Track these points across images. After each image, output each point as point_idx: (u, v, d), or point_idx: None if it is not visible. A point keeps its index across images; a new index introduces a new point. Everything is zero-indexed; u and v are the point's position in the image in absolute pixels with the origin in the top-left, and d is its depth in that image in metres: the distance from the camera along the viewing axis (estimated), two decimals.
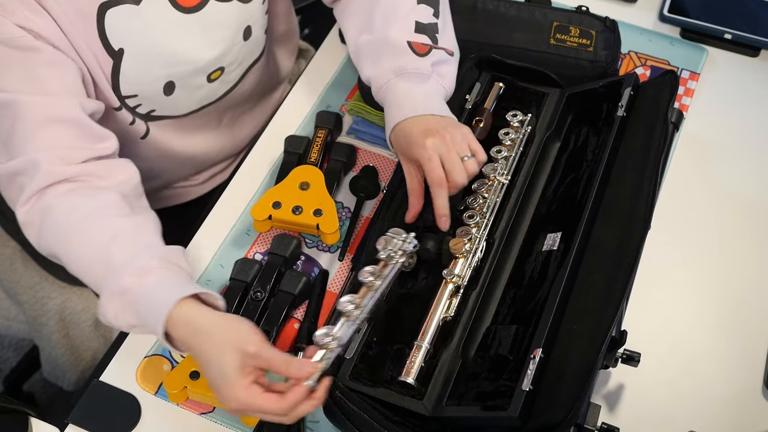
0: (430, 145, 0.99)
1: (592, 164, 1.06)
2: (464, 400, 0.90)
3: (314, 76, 1.30)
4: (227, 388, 0.85)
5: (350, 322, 0.91)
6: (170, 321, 0.87)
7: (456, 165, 0.99)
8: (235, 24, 1.11)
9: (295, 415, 0.86)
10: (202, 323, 0.87)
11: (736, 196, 1.15)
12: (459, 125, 1.03)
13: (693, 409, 0.98)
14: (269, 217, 1.10)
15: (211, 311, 0.89)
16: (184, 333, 0.88)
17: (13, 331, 1.43)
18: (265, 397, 0.85)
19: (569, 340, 0.90)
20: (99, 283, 0.93)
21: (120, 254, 0.92)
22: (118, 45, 1.02)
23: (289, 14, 1.30)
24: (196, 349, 0.88)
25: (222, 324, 0.88)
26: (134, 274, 0.90)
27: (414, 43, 1.06)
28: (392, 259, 0.96)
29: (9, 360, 1.68)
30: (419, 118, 1.02)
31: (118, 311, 0.91)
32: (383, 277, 0.95)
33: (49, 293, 1.28)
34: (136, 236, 0.95)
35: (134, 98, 1.08)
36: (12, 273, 1.28)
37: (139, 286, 0.90)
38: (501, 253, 1.02)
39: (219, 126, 1.25)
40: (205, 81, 1.13)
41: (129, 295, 0.90)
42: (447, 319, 0.96)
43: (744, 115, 1.24)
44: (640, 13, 1.35)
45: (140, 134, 1.14)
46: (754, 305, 1.06)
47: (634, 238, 0.94)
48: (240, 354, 0.85)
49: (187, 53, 1.07)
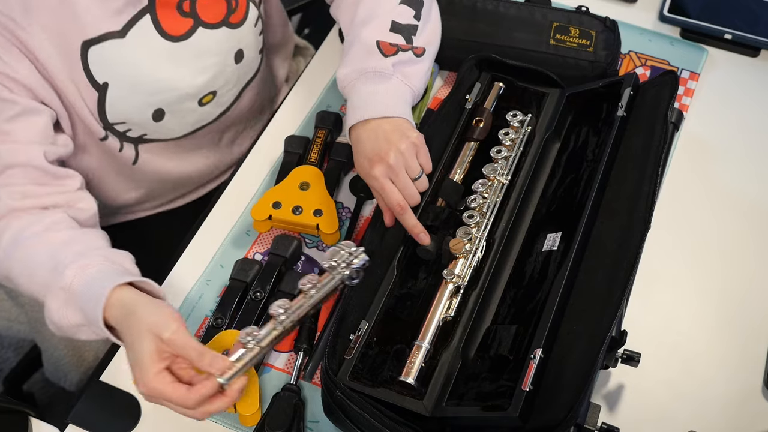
0: (379, 174, 0.99)
1: (592, 164, 1.06)
2: (464, 400, 0.90)
3: (314, 76, 1.30)
4: (138, 372, 0.85)
5: (276, 326, 0.91)
6: (107, 306, 0.88)
7: (407, 189, 1.00)
8: (224, 50, 1.11)
9: (204, 411, 0.85)
10: (133, 306, 0.88)
11: (736, 196, 1.15)
12: (407, 134, 1.02)
13: (693, 409, 0.98)
14: (269, 218, 1.10)
15: (145, 296, 0.90)
16: (117, 316, 0.89)
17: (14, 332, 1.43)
18: (173, 386, 0.85)
19: (569, 340, 0.90)
20: (45, 286, 0.94)
21: (66, 257, 0.94)
22: (102, 79, 1.02)
23: (283, 24, 1.30)
24: (123, 332, 0.89)
25: (148, 308, 0.88)
26: (77, 269, 0.92)
27: (382, 42, 1.07)
28: (334, 270, 0.94)
29: (9, 360, 1.68)
30: (370, 130, 1.02)
31: (62, 308, 0.92)
32: (320, 288, 0.93)
33: None
34: (85, 242, 0.97)
35: (123, 124, 1.08)
36: None
37: (80, 277, 0.91)
38: (501, 253, 1.02)
39: (219, 144, 1.25)
40: (196, 105, 1.12)
41: (71, 289, 0.91)
42: (447, 319, 0.96)
43: (744, 115, 1.24)
44: (640, 13, 1.35)
45: (130, 160, 1.14)
46: (754, 305, 1.06)
47: (634, 238, 0.94)
48: (155, 339, 0.85)
49: (174, 81, 1.07)
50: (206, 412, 0.86)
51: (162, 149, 1.16)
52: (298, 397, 0.97)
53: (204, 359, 0.85)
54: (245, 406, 0.96)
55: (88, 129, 1.07)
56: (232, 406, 0.90)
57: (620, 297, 0.89)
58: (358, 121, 1.03)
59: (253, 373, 0.97)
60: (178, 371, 0.87)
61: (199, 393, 0.84)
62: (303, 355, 1.01)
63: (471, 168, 1.09)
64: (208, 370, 0.86)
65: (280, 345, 1.03)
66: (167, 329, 0.85)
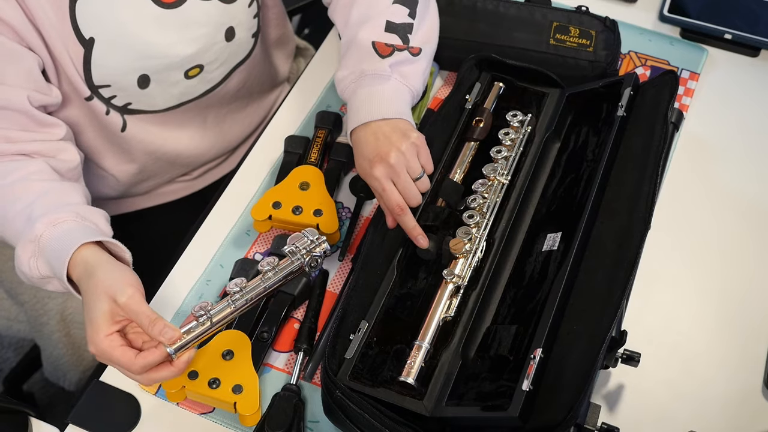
0: (380, 175, 0.99)
1: (592, 164, 1.06)
2: (464, 400, 0.90)
3: (314, 76, 1.30)
4: (91, 332, 0.87)
5: (230, 304, 0.91)
6: (72, 263, 0.90)
7: (408, 190, 1.00)
8: (214, 23, 1.11)
9: (149, 377, 0.87)
10: (95, 266, 0.90)
11: (736, 196, 1.15)
12: (408, 134, 1.02)
13: (693, 409, 0.98)
14: (269, 217, 1.10)
15: (108, 258, 0.92)
16: (79, 274, 0.91)
17: (14, 332, 1.43)
18: (122, 350, 0.87)
19: (569, 340, 0.90)
20: (16, 235, 0.96)
21: (40, 208, 0.95)
22: (88, 34, 1.03)
23: (282, 20, 1.31)
24: (83, 291, 0.90)
25: (109, 270, 0.90)
26: (47, 224, 0.94)
27: (378, 43, 1.07)
28: (294, 255, 0.95)
29: (9, 360, 1.68)
30: (369, 133, 1.02)
31: (31, 259, 0.94)
32: (277, 271, 0.94)
33: (50, 293, 1.28)
34: (61, 196, 0.98)
35: (108, 88, 1.09)
36: (13, 273, 1.28)
37: (50, 232, 0.93)
38: (501, 253, 1.02)
39: (205, 124, 1.25)
40: (182, 77, 1.13)
41: (40, 242, 0.93)
42: (447, 319, 0.96)
43: (744, 115, 1.24)
44: (640, 13, 1.35)
45: (118, 126, 1.14)
46: (754, 305, 1.06)
47: (635, 238, 0.94)
48: (110, 301, 0.87)
49: (161, 47, 1.08)
50: (151, 379, 0.88)
51: (148, 121, 1.16)
52: (298, 397, 0.97)
53: (155, 327, 0.87)
54: (245, 406, 0.96)
55: (72, 86, 1.07)
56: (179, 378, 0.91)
57: (620, 297, 0.89)
58: (358, 125, 1.03)
59: (253, 373, 0.97)
60: (131, 335, 0.90)
61: (145, 359, 0.86)
62: (303, 355, 1.01)
63: (471, 168, 1.09)
64: (158, 338, 0.87)
65: (280, 345, 1.03)
66: (123, 294, 0.87)
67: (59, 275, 0.92)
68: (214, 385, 0.96)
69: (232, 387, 0.96)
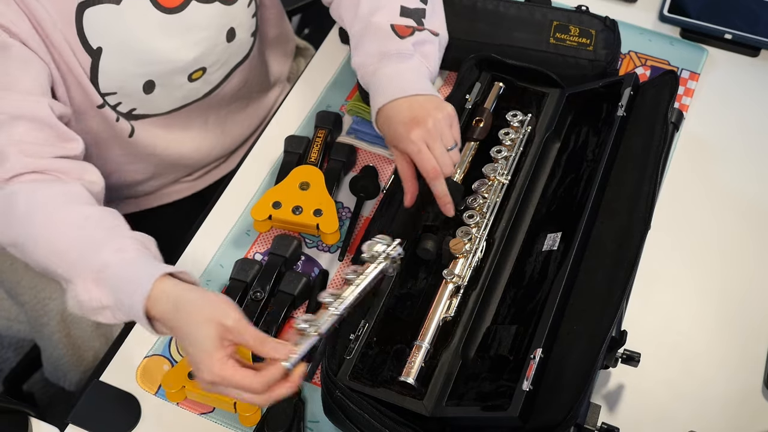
0: (417, 138, 0.99)
1: (592, 164, 1.06)
2: (464, 400, 0.90)
3: (314, 76, 1.30)
4: (203, 361, 0.84)
5: (332, 312, 0.91)
6: (151, 297, 0.87)
7: (442, 156, 1.00)
8: (216, 25, 1.11)
9: (270, 396, 0.84)
10: (185, 298, 0.87)
11: (736, 196, 1.15)
12: (442, 106, 1.02)
13: (693, 409, 0.98)
14: (269, 217, 1.10)
15: (191, 287, 0.89)
16: (165, 308, 0.87)
17: (14, 332, 1.43)
18: (241, 371, 0.83)
19: (569, 340, 0.90)
20: (71, 263, 0.91)
21: (96, 233, 0.92)
22: (96, 43, 1.03)
23: (280, 19, 1.31)
24: (176, 324, 0.87)
25: (202, 298, 0.87)
26: (113, 251, 0.90)
27: (397, 26, 1.07)
28: (375, 260, 0.95)
29: (9, 360, 1.68)
30: (403, 102, 1.02)
31: (92, 288, 0.90)
32: (365, 275, 0.94)
33: (51, 293, 1.28)
34: (108, 220, 0.95)
35: (114, 96, 1.09)
36: (13, 273, 1.28)
37: (118, 261, 0.90)
38: (501, 253, 1.02)
39: (206, 125, 1.25)
40: (185, 80, 1.13)
41: (105, 272, 0.89)
42: (447, 319, 0.96)
43: (744, 115, 1.24)
44: (640, 13, 1.35)
45: (126, 132, 1.14)
46: (754, 305, 1.06)
47: (635, 238, 0.94)
48: (218, 327, 0.84)
49: (166, 53, 1.08)
50: (272, 397, 0.85)
51: (152, 125, 1.16)
52: (298, 397, 0.97)
53: (266, 344, 0.85)
54: (245, 406, 0.96)
55: (86, 95, 1.07)
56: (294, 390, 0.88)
57: (620, 297, 0.89)
58: (388, 101, 1.03)
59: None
60: (235, 357, 0.86)
61: (267, 377, 0.83)
62: None
63: (471, 168, 1.09)
64: (273, 355, 0.85)
65: None
66: (228, 317, 0.85)
67: (128, 308, 0.88)
68: None
69: None
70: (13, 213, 0.94)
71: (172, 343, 1.04)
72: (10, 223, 0.95)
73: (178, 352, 1.03)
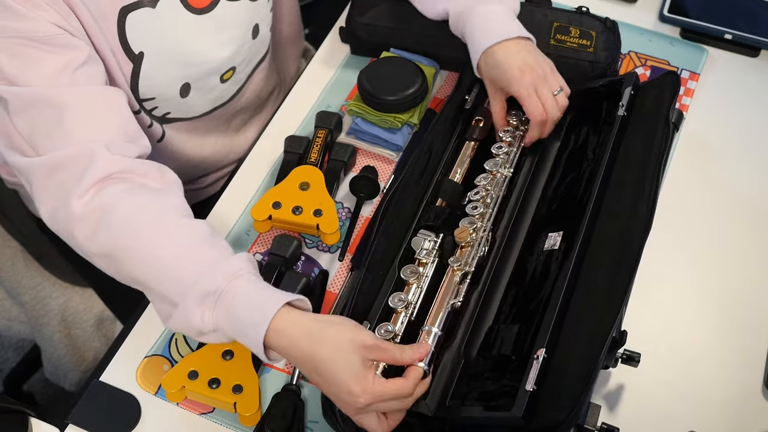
0: (528, 83, 1.05)
1: (593, 164, 1.06)
2: (467, 399, 0.90)
3: (314, 76, 1.30)
4: (358, 385, 0.82)
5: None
6: (273, 327, 0.85)
7: (549, 100, 1.06)
8: (245, 23, 1.11)
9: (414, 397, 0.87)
10: (317, 327, 0.85)
11: (737, 196, 1.15)
12: (544, 56, 1.09)
13: (693, 409, 0.98)
14: (269, 218, 1.10)
15: (314, 315, 0.88)
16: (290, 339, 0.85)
17: (14, 332, 1.43)
18: (392, 382, 0.85)
19: (570, 340, 0.90)
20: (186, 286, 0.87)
21: (208, 253, 0.89)
22: (138, 48, 1.02)
23: (294, 16, 1.31)
24: (309, 354, 0.84)
25: (334, 324, 0.86)
26: (228, 275, 0.87)
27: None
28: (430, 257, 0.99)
29: (9, 360, 1.68)
30: (510, 46, 1.07)
31: (206, 312, 0.87)
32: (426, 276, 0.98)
33: (51, 293, 1.28)
34: (211, 236, 0.92)
35: (151, 101, 1.08)
36: (13, 273, 1.28)
37: (236, 287, 0.87)
38: (503, 252, 1.02)
39: (228, 129, 1.25)
40: (218, 81, 1.13)
41: (225, 297, 0.87)
42: (456, 306, 0.95)
43: (744, 115, 1.24)
44: (640, 13, 1.35)
45: (157, 137, 1.14)
46: (754, 305, 1.06)
47: (635, 238, 0.94)
48: (360, 348, 0.84)
49: (201, 54, 1.08)
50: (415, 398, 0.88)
51: (181, 129, 1.16)
52: (298, 397, 0.97)
53: (405, 352, 0.87)
54: (245, 407, 0.96)
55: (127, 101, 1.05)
56: None
57: (621, 297, 0.89)
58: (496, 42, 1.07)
59: (253, 373, 0.97)
60: None
61: (413, 379, 0.86)
62: None
63: (471, 168, 1.09)
64: (411, 360, 0.87)
65: None
66: (366, 336, 0.85)
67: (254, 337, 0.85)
68: (214, 385, 0.96)
69: (232, 387, 0.96)
70: (111, 225, 0.90)
71: (172, 343, 1.04)
72: (107, 235, 0.90)
73: (178, 352, 1.03)
